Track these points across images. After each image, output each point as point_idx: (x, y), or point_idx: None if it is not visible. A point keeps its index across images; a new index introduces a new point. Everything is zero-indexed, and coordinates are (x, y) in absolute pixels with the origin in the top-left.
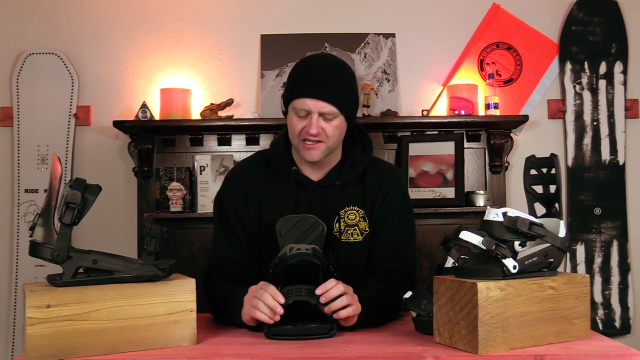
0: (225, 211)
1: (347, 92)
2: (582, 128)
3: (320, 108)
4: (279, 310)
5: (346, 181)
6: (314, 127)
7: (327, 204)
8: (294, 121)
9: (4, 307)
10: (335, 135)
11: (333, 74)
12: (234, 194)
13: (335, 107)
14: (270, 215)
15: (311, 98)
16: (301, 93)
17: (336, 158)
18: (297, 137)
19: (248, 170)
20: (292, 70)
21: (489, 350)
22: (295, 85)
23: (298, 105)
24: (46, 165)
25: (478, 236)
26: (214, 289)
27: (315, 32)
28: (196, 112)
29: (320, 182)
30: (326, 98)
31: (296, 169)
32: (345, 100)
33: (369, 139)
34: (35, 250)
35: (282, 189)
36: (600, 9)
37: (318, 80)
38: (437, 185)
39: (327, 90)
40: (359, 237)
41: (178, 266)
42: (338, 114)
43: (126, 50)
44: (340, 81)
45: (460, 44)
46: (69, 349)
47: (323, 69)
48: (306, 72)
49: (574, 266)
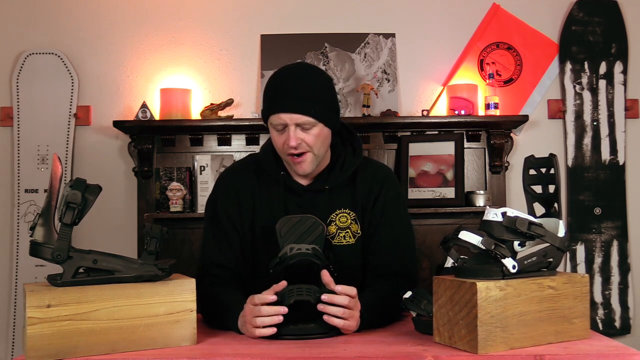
0: (217, 215)
1: (322, 100)
2: (582, 128)
3: (295, 120)
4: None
5: (335, 185)
6: (292, 139)
7: (318, 208)
8: (275, 137)
9: (4, 307)
10: (318, 143)
11: (305, 84)
12: (227, 197)
13: (310, 116)
14: (262, 220)
15: (285, 112)
16: (275, 108)
17: (325, 162)
18: (282, 152)
19: (239, 175)
20: (265, 85)
21: (489, 350)
22: (269, 101)
23: (274, 121)
24: (46, 165)
25: (477, 236)
26: (205, 294)
27: (315, 32)
28: (196, 112)
29: (310, 187)
30: (299, 110)
31: (285, 174)
32: (320, 108)
33: (358, 140)
34: (35, 250)
35: (272, 193)
36: (600, 9)
37: (290, 93)
38: (437, 185)
39: (300, 101)
40: (351, 240)
41: (178, 266)
42: (315, 122)
43: (126, 50)
44: (314, 89)
45: (460, 44)
46: (69, 349)
47: (295, 80)
48: (278, 86)
49: (574, 266)
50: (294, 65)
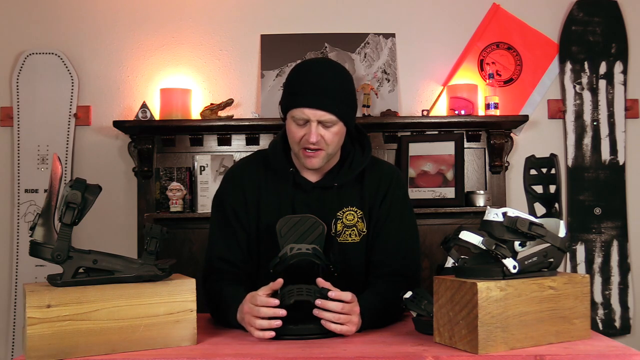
0: (224, 211)
1: (345, 99)
2: (582, 128)
3: (319, 117)
4: (275, 323)
5: (344, 182)
6: (313, 135)
7: (325, 205)
8: (293, 129)
9: (4, 307)
10: (335, 141)
11: (331, 81)
12: (234, 193)
13: (334, 115)
14: (268, 216)
15: (310, 108)
16: (300, 103)
17: (334, 159)
18: (297, 144)
19: (247, 171)
20: (289, 76)
21: (489, 350)
22: (294, 94)
23: (297, 115)
24: (46, 165)
25: (478, 236)
26: (211, 290)
27: (315, 32)
28: (196, 112)
29: (318, 184)
30: (325, 107)
31: (294, 170)
32: (343, 107)
33: (367, 139)
34: (35, 250)
35: (280, 190)
36: (600, 9)
37: (316, 89)
38: (437, 185)
39: (325, 99)
40: (356, 238)
41: (178, 266)
42: (337, 121)
43: (126, 50)
44: (339, 88)
45: (460, 44)
46: (69, 349)
47: (321, 76)
48: (304, 80)
49: (574, 266)
50: (319, 60)
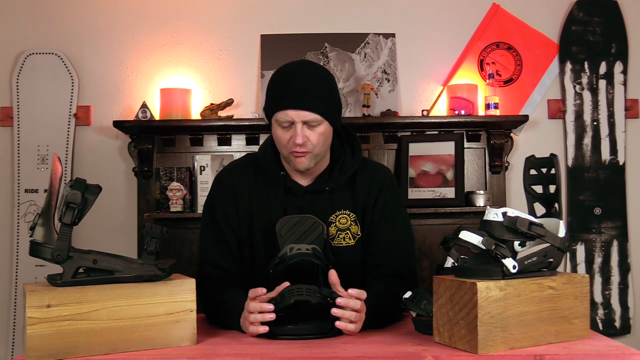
0: (215, 216)
1: (328, 97)
2: (582, 128)
3: (303, 117)
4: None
5: (335, 186)
6: (299, 137)
7: (317, 209)
8: (279, 133)
9: (4, 307)
10: (321, 142)
11: (312, 81)
12: (224, 198)
13: (317, 114)
14: (260, 221)
15: (293, 109)
16: (282, 105)
17: (325, 163)
18: (285, 148)
19: (238, 175)
20: (270, 81)
21: (489, 350)
22: (276, 98)
23: (281, 118)
24: (46, 165)
25: (478, 236)
26: (207, 295)
27: (315, 32)
28: (196, 112)
29: (309, 188)
30: (308, 107)
31: (285, 174)
32: (326, 105)
33: (357, 141)
34: (35, 250)
35: (271, 194)
36: (600, 9)
37: (298, 90)
38: (437, 185)
39: (308, 99)
40: (350, 241)
41: (178, 266)
42: (322, 120)
43: (126, 50)
44: (320, 87)
45: (460, 44)
46: (69, 349)
47: (301, 77)
48: (285, 82)
49: (574, 266)
50: (298, 62)
